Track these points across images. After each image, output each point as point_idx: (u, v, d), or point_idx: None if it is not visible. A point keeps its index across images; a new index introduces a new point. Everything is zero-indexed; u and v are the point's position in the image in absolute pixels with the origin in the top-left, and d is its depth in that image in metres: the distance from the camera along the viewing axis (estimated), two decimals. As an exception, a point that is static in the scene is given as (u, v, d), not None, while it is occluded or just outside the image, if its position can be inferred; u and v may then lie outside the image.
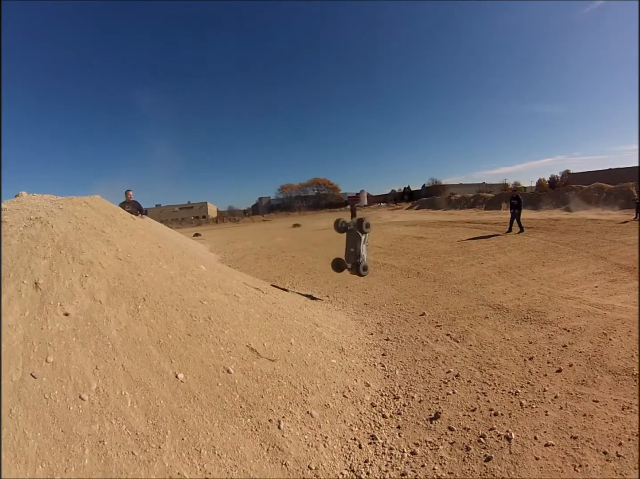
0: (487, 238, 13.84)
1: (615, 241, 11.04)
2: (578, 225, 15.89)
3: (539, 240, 12.44)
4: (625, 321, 4.93)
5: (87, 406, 2.64)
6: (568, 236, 12.97)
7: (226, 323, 3.95)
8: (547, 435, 2.96)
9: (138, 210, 8.99)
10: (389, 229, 21.38)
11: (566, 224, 16.69)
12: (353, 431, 3.17)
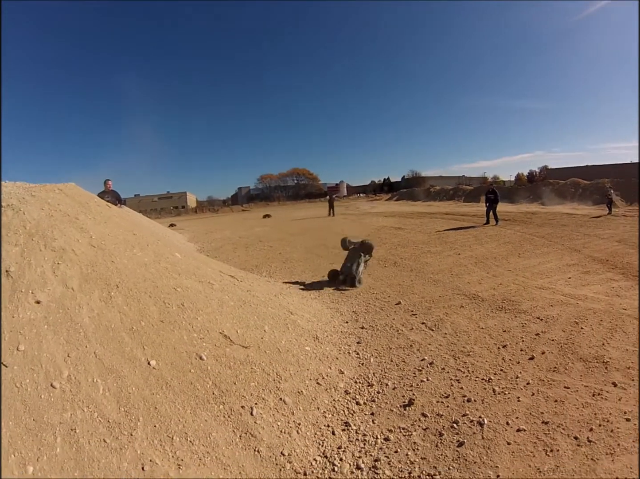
0: (465, 229, 14.06)
1: (590, 235, 11.36)
2: (554, 219, 16.28)
3: (515, 232, 12.70)
4: (597, 310, 5.08)
5: (58, 394, 2.57)
6: (544, 228, 13.30)
7: (199, 310, 3.92)
8: (519, 421, 3.02)
9: (117, 200, 8.87)
10: (367, 219, 21.56)
11: (543, 217, 17.09)
12: (326, 417, 3.18)
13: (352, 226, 17.91)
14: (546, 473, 2.50)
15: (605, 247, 9.42)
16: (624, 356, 3.88)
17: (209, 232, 20.44)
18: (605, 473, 2.46)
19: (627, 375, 3.54)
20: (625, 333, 4.38)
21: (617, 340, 4.24)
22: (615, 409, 3.07)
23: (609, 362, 3.78)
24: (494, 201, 14.96)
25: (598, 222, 14.75)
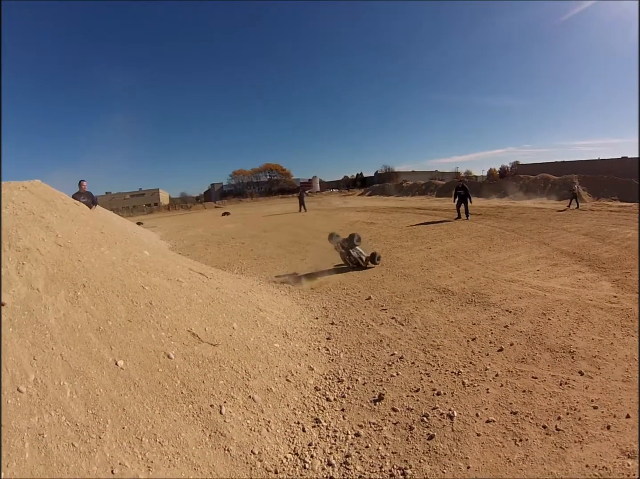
0: (437, 224, 14.31)
1: (558, 228, 11.75)
2: (524, 213, 16.76)
3: (486, 226, 13.01)
4: (564, 301, 5.26)
5: (25, 399, 2.50)
6: (514, 222, 13.67)
7: (168, 308, 3.89)
8: (488, 412, 3.10)
9: (92, 202, 8.70)
10: (340, 214, 21.71)
11: (513, 211, 17.56)
12: (296, 414, 3.20)
13: (324, 222, 17.96)
14: (516, 462, 2.57)
15: (573, 240, 9.76)
16: (589, 346, 4.03)
17: (181, 230, 20.27)
18: (575, 460, 2.54)
19: (593, 364, 3.68)
20: (591, 323, 4.55)
21: (583, 330, 4.40)
22: (583, 398, 3.18)
23: (576, 351, 3.92)
24: (464, 196, 15.19)
25: (566, 216, 15.27)
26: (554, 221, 13.78)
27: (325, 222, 17.56)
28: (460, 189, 15.37)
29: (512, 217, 15.21)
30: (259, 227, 18.18)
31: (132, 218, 32.04)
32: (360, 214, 20.73)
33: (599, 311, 4.90)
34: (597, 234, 10.49)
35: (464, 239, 10.75)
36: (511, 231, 11.58)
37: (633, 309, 4.88)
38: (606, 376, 3.47)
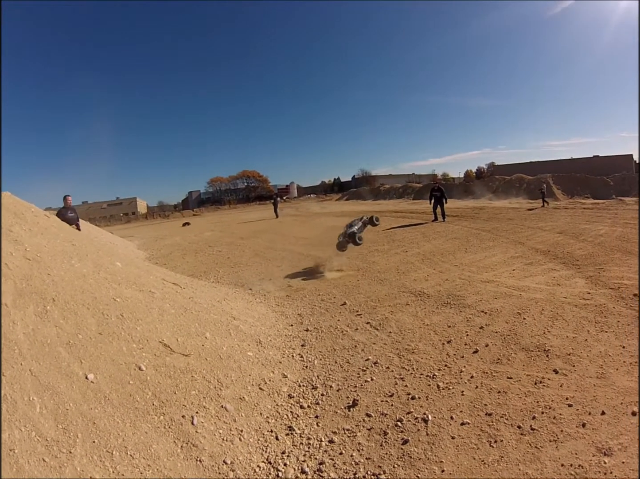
0: (413, 227, 14.46)
1: (533, 227, 12.00)
2: (500, 213, 17.10)
3: (462, 227, 13.20)
4: (539, 300, 5.35)
5: None
6: (490, 223, 13.91)
7: (139, 320, 3.85)
8: (463, 414, 3.12)
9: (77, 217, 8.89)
10: (317, 220, 21.76)
11: (489, 212, 17.89)
12: (270, 423, 3.19)
13: (301, 228, 18.01)
14: (491, 464, 2.59)
15: (548, 238, 9.98)
16: (564, 343, 4.10)
17: (159, 239, 20.18)
18: (550, 460, 2.57)
19: (568, 361, 3.75)
20: (566, 321, 4.64)
21: (558, 328, 4.48)
22: (557, 396, 3.23)
23: (550, 350, 3.98)
24: (440, 197, 15.37)
25: (541, 215, 15.64)
26: (530, 220, 14.08)
27: (302, 229, 17.62)
28: (436, 190, 15.51)
29: (489, 218, 15.49)
30: (236, 234, 18.16)
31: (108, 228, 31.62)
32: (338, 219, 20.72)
33: (573, 308, 5.00)
34: (571, 231, 10.76)
35: (441, 241, 10.87)
36: (487, 232, 11.77)
37: (606, 305, 4.99)
38: (581, 374, 3.53)
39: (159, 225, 36.62)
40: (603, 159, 38.78)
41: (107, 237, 17.96)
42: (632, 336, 4.18)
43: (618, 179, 25.40)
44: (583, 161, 39.22)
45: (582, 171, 29.27)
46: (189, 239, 18.18)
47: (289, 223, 21.77)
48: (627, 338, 4.14)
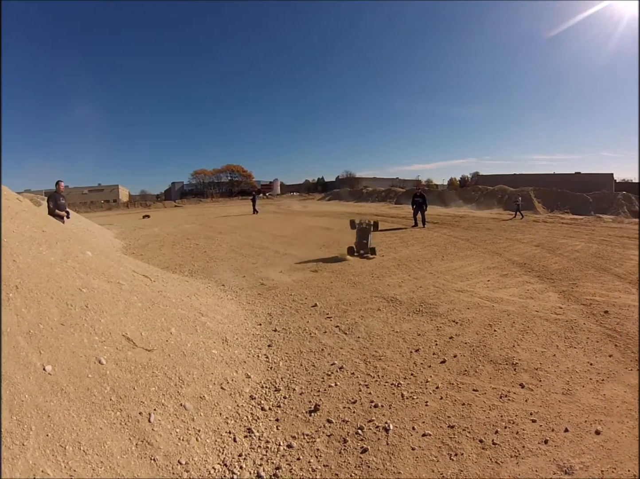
0: (392, 231, 14.52)
1: (511, 239, 12.19)
2: (480, 222, 17.34)
3: (442, 235, 13.32)
4: (511, 312, 5.40)
5: None
6: (470, 232, 14.09)
7: (104, 312, 3.76)
8: (425, 425, 3.09)
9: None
10: (297, 219, 21.79)
11: (470, 221, 18.13)
12: (228, 424, 3.13)
13: (280, 226, 17.97)
14: (449, 477, 2.56)
15: (525, 251, 10.15)
16: (532, 358, 4.12)
17: (137, 229, 19.85)
18: (510, 476, 2.55)
19: (535, 376, 3.76)
20: (536, 335, 4.68)
21: (527, 341, 4.51)
22: (522, 411, 3.22)
23: (518, 363, 3.99)
24: (421, 204, 15.48)
25: (520, 226, 15.93)
26: (509, 231, 14.30)
27: (281, 226, 17.58)
28: (419, 196, 15.65)
29: (468, 227, 15.68)
30: (215, 228, 18.07)
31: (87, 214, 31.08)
32: (318, 219, 20.86)
33: (544, 322, 5.05)
34: (548, 245, 10.98)
35: (418, 247, 10.94)
36: (466, 241, 11.90)
37: (577, 321, 5.07)
38: (547, 389, 3.55)
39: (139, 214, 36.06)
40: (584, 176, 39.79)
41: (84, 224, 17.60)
42: (600, 353, 4.24)
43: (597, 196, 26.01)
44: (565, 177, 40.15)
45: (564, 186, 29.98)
46: (168, 230, 18.03)
47: (268, 220, 21.72)
48: (595, 355, 4.19)
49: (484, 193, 32.19)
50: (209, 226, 19.42)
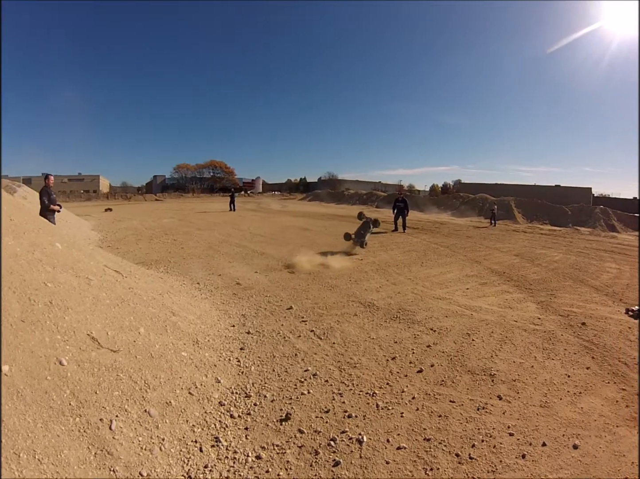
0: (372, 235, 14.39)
1: (491, 248, 12.30)
2: (461, 230, 17.49)
3: (422, 241, 13.38)
4: (489, 322, 5.38)
5: None
6: (450, 239, 14.19)
7: (69, 308, 3.56)
8: (400, 437, 3.01)
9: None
10: (276, 218, 21.73)
11: (450, 228, 18.29)
12: (195, 432, 2.99)
13: (259, 224, 17.84)
14: (423, 493, 2.48)
15: (504, 260, 10.25)
16: (510, 369, 4.09)
17: (116, 221, 19.39)
18: (485, 491, 2.49)
19: (513, 388, 3.73)
20: (514, 345, 4.65)
21: (506, 352, 4.48)
22: (499, 424, 3.18)
23: (496, 374, 3.96)
24: (403, 208, 15.52)
25: (500, 235, 16.11)
26: (489, 239, 14.45)
27: (260, 225, 17.47)
28: (400, 201, 15.70)
29: (449, 234, 15.79)
30: (194, 224, 17.86)
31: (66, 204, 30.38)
32: (297, 219, 20.80)
33: (523, 332, 5.04)
34: (527, 255, 11.12)
35: (398, 252, 10.94)
36: (445, 247, 11.95)
37: (555, 332, 5.08)
38: (524, 401, 3.52)
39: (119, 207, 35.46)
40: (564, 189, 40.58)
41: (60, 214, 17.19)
42: (578, 365, 4.25)
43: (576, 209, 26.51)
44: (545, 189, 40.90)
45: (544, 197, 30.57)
46: (147, 224, 17.75)
47: (248, 218, 21.60)
48: (572, 367, 4.20)
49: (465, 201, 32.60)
50: (188, 222, 19.22)
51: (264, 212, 27.42)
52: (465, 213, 29.60)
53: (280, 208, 32.84)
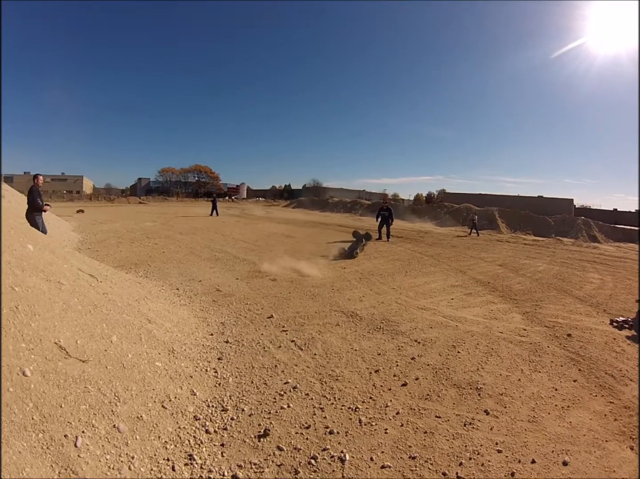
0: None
1: (475, 257, 12.32)
2: (445, 239, 17.56)
3: (406, 249, 13.33)
4: (475, 333, 5.30)
5: None
6: (434, 248, 14.20)
7: (36, 315, 3.36)
8: (384, 455, 2.88)
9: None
10: (260, 224, 21.61)
11: (434, 237, 18.35)
12: (167, 449, 2.81)
13: (242, 230, 17.66)
14: (407, 516, 2.35)
15: (488, 270, 10.25)
16: (497, 382, 4.00)
17: (97, 223, 19.03)
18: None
19: (500, 402, 3.64)
20: (500, 357, 4.57)
21: (492, 364, 4.39)
22: (487, 440, 3.08)
23: (482, 388, 3.86)
24: (387, 217, 15.50)
25: (484, 245, 16.19)
26: (473, 249, 14.49)
27: (243, 231, 17.27)
28: (385, 210, 15.67)
29: (433, 243, 15.81)
30: (177, 228, 17.65)
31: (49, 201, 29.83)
32: (280, 226, 20.69)
33: (509, 344, 4.97)
34: (511, 265, 11.16)
35: (382, 261, 10.86)
36: (430, 257, 11.93)
37: (541, 344, 5.03)
38: (512, 416, 3.43)
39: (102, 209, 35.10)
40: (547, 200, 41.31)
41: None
42: (565, 377, 4.20)
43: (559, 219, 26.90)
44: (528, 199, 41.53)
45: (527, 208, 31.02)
46: (129, 227, 17.47)
47: (231, 224, 21.42)
48: (559, 380, 4.14)
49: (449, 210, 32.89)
50: (171, 226, 19.00)
51: (247, 218, 27.24)
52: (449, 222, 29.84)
53: (264, 214, 32.73)
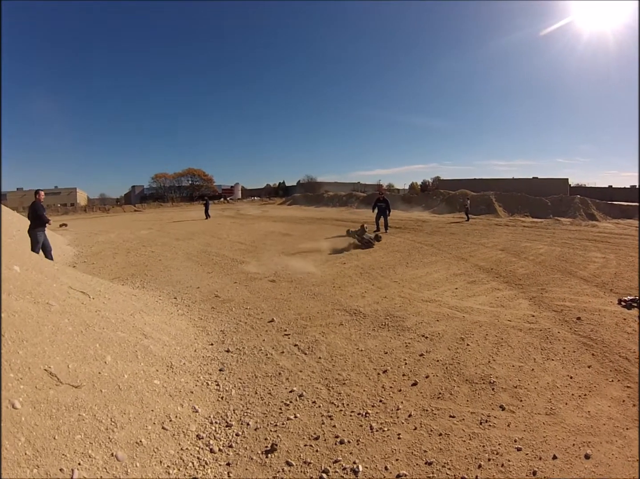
0: (354, 237, 14.28)
1: (476, 243, 12.19)
2: (443, 227, 17.45)
3: (405, 240, 13.22)
4: (483, 323, 5.17)
5: None
6: (433, 237, 14.08)
7: (24, 341, 3.21)
8: (399, 463, 2.75)
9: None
10: (256, 224, 21.48)
11: (433, 225, 18.23)
12: (170, 474, 2.66)
13: (239, 232, 17.50)
14: (429, 528, 2.21)
15: (490, 255, 10.13)
16: (510, 374, 3.87)
17: (93, 235, 18.88)
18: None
19: (515, 395, 3.51)
20: (511, 347, 4.44)
21: (503, 356, 4.26)
22: (505, 438, 2.95)
23: (496, 382, 3.73)
24: (384, 208, 15.35)
25: (483, 231, 16.08)
26: (472, 235, 14.39)
27: (239, 232, 17.12)
28: (382, 201, 15.50)
29: (432, 231, 15.69)
30: (173, 234, 17.52)
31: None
32: (277, 225, 20.55)
33: (518, 332, 4.84)
34: (512, 249, 11.04)
35: (381, 253, 10.73)
36: (430, 246, 11.80)
37: (551, 330, 4.90)
38: (529, 409, 3.31)
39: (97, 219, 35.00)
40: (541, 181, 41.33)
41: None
42: (579, 364, 4.08)
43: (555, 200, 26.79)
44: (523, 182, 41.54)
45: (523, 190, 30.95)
46: (124, 236, 17.32)
47: (226, 226, 21.26)
48: (573, 367, 4.02)
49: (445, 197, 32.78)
50: (167, 232, 18.87)
51: (243, 218, 27.11)
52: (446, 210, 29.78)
53: (260, 214, 32.60)
